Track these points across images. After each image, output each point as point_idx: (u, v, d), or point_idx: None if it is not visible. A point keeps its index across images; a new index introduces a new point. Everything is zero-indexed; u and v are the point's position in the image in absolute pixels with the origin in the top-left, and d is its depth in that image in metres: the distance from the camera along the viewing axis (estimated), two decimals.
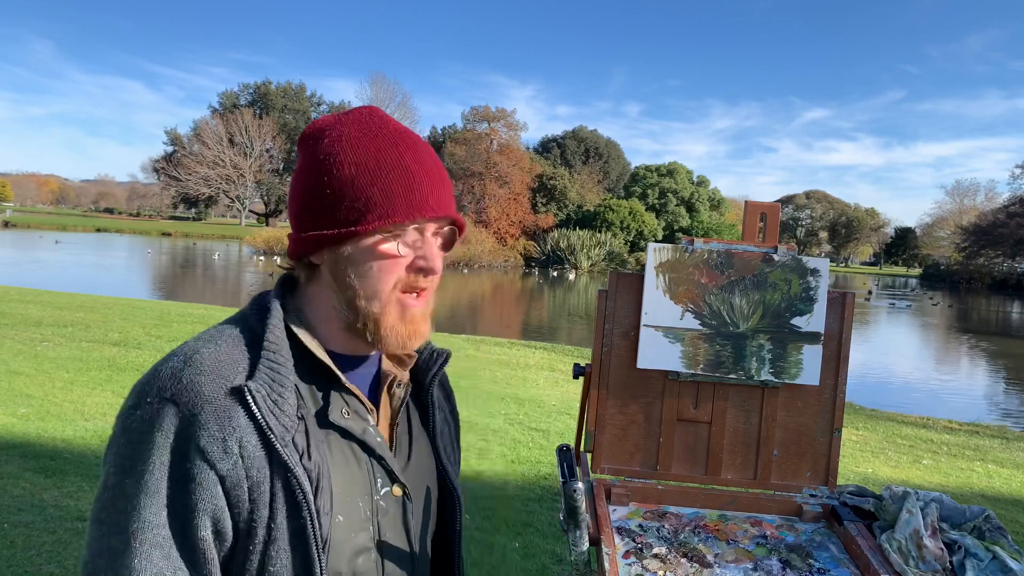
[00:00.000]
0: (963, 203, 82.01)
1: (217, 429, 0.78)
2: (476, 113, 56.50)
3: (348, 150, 0.88)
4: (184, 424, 0.78)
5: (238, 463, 0.79)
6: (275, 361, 0.85)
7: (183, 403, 0.79)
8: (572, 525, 1.42)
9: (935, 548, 1.53)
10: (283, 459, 0.81)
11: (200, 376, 0.80)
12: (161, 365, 0.83)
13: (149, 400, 0.80)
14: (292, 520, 0.81)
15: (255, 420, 0.80)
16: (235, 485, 0.79)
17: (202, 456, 0.77)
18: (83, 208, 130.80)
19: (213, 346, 0.84)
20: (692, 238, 1.93)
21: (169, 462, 0.78)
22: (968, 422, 9.14)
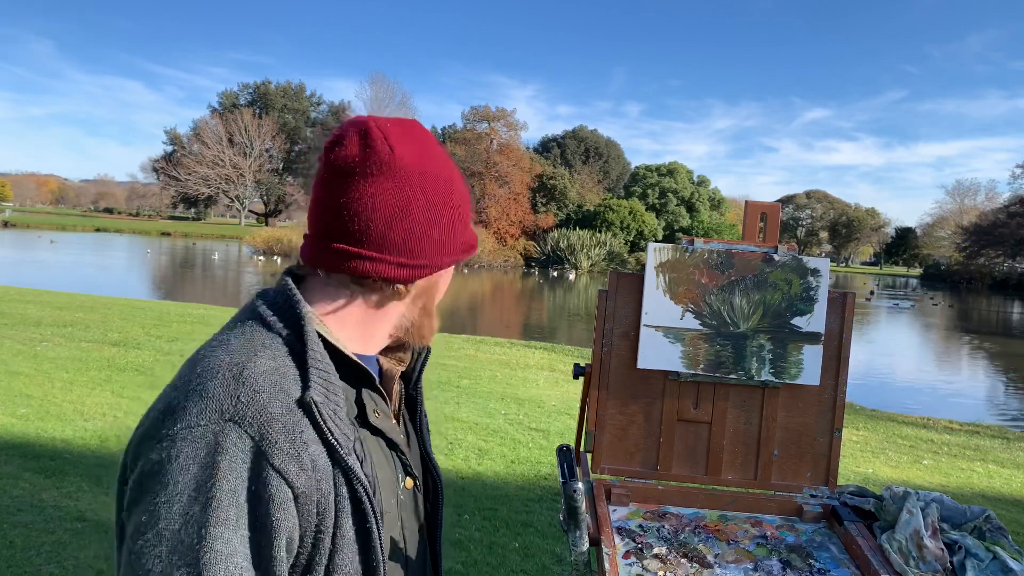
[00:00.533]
0: (963, 203, 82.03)
1: (290, 446, 0.76)
2: (476, 113, 56.54)
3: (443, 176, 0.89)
4: (253, 445, 0.74)
5: (311, 478, 0.77)
6: (324, 370, 0.83)
7: (248, 423, 0.75)
8: (572, 525, 1.42)
9: (935, 548, 1.52)
10: (349, 469, 0.81)
11: (260, 394, 0.77)
12: (201, 384, 0.77)
13: (204, 423, 0.74)
14: (358, 528, 0.82)
15: (321, 433, 0.79)
16: (307, 500, 0.77)
17: (279, 476, 0.75)
18: (83, 208, 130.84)
19: (257, 359, 0.80)
20: (692, 238, 1.93)
21: (240, 487, 0.73)
22: (968, 422, 9.14)
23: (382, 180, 0.84)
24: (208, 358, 0.80)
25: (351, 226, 0.85)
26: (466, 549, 3.67)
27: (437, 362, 9.78)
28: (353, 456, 0.82)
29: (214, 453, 0.73)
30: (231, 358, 0.79)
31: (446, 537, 3.76)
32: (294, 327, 0.84)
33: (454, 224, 0.90)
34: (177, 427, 0.74)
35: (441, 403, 7.06)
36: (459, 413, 6.67)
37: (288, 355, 0.82)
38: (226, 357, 0.79)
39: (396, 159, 0.84)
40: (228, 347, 0.81)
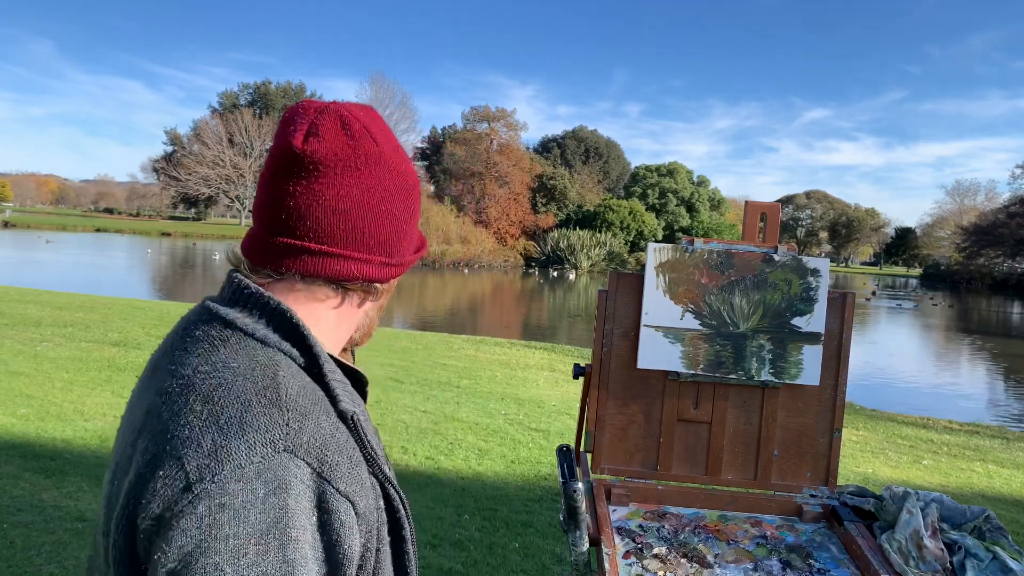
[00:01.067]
0: (963, 203, 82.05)
1: (348, 466, 0.71)
2: (476, 113, 56.58)
3: (409, 170, 0.84)
4: (313, 473, 0.68)
5: (368, 495, 0.74)
6: (343, 381, 0.79)
7: (303, 450, 0.68)
8: (572, 525, 1.42)
9: (935, 548, 1.52)
10: (387, 478, 0.78)
11: (308, 415, 0.70)
12: (238, 417, 0.68)
13: (256, 460, 0.65)
14: (392, 534, 0.79)
15: (363, 446, 0.76)
16: (364, 518, 0.73)
17: (346, 500, 0.69)
18: (83, 208, 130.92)
19: (283, 379, 0.72)
20: (692, 238, 1.93)
21: (308, 523, 0.66)
22: (968, 422, 9.14)
23: (366, 175, 0.78)
24: (222, 387, 0.70)
25: (334, 227, 0.78)
26: (466, 549, 3.67)
27: (437, 362, 9.79)
28: (388, 465, 0.80)
29: (277, 491, 0.65)
30: (254, 383, 0.70)
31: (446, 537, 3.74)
32: (294, 340, 0.77)
33: (416, 219, 0.88)
34: (224, 471, 0.64)
35: (441, 403, 7.07)
36: (459, 413, 6.68)
37: (300, 371, 0.75)
38: (245, 382, 0.70)
39: (380, 152, 0.79)
40: (235, 371, 0.71)
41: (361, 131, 0.78)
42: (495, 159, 54.32)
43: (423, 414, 6.49)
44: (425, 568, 3.44)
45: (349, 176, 0.77)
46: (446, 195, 53.60)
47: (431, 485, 4.61)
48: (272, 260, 0.79)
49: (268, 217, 0.79)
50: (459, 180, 54.69)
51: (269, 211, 0.79)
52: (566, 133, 65.19)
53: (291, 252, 0.78)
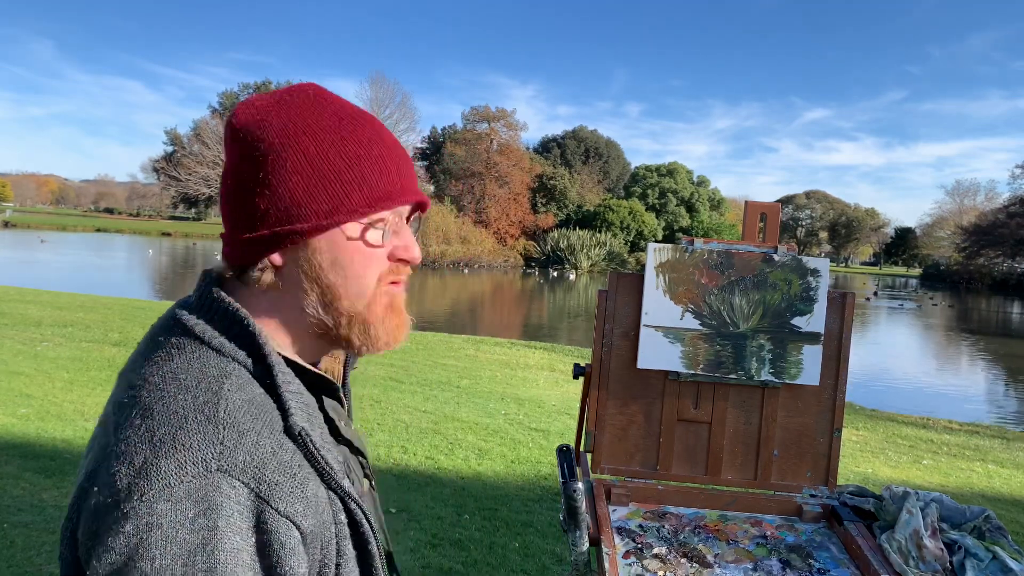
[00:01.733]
0: (963, 203, 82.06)
1: (291, 486, 0.68)
2: (476, 113, 56.59)
3: (308, 133, 0.76)
4: (249, 492, 0.65)
5: (316, 513, 0.70)
6: (297, 392, 0.75)
7: (239, 470, 0.65)
8: (572, 525, 1.42)
9: (935, 548, 1.52)
10: (346, 494, 0.75)
11: (247, 434, 0.67)
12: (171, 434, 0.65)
13: (187, 479, 0.63)
14: (358, 551, 0.76)
15: (314, 462, 0.72)
16: (315, 538, 0.70)
17: (287, 520, 0.66)
18: (83, 208, 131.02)
19: (225, 392, 0.70)
20: (692, 238, 1.93)
21: (243, 545, 0.64)
22: (968, 422, 9.14)
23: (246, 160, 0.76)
24: (163, 400, 0.68)
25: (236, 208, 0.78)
26: (466, 549, 3.67)
27: (437, 362, 9.79)
28: (346, 479, 0.75)
29: (207, 512, 0.63)
30: (194, 396, 0.68)
31: (446, 537, 3.75)
32: (249, 347, 0.74)
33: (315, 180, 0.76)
34: (152, 490, 0.62)
35: (441, 403, 7.07)
36: (459, 413, 6.68)
37: (252, 380, 0.73)
38: (186, 396, 0.68)
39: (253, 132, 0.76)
40: (181, 382, 0.69)
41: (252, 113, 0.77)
42: (495, 159, 54.32)
43: (423, 414, 6.49)
44: (425, 568, 3.44)
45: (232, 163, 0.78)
46: (446, 195, 53.60)
47: (431, 485, 4.61)
48: (233, 257, 0.79)
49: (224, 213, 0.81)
50: (459, 180, 54.69)
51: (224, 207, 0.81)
52: (566, 133, 65.19)
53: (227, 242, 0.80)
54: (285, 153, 0.75)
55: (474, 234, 49.94)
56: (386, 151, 0.80)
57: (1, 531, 3.49)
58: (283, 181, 0.75)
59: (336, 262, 0.77)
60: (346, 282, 0.78)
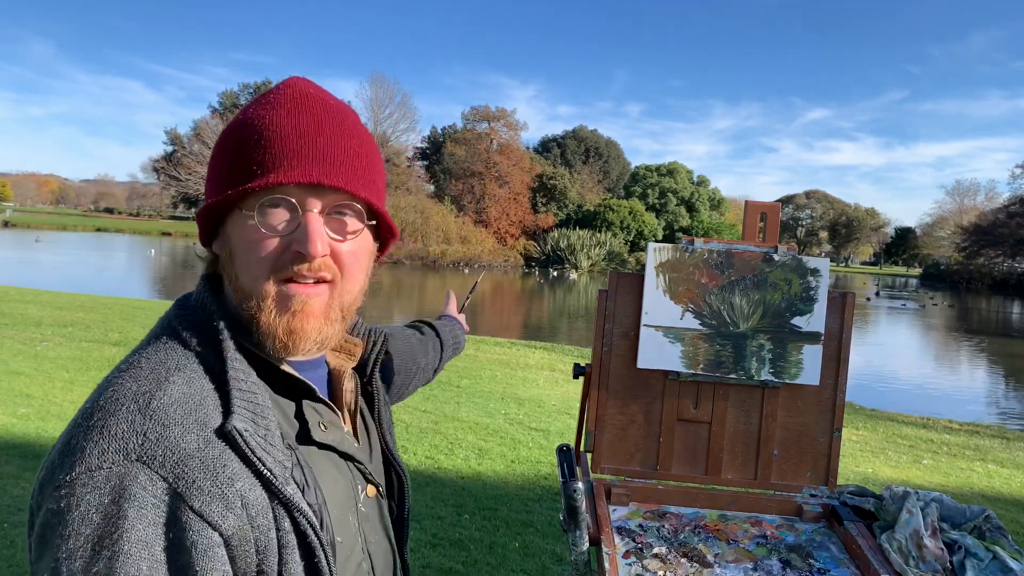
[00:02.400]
0: (963, 203, 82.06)
1: (212, 485, 0.66)
2: (476, 113, 56.58)
3: (236, 118, 0.79)
4: (167, 487, 0.65)
5: (243, 517, 0.68)
6: (248, 390, 0.73)
7: (158, 463, 0.65)
8: (572, 525, 1.42)
9: (935, 548, 1.52)
10: (288, 500, 0.72)
11: (171, 427, 0.67)
12: (105, 418, 0.67)
13: (107, 465, 0.64)
14: (305, 560, 0.73)
15: (250, 464, 0.70)
16: (242, 541, 0.68)
17: (201, 519, 0.65)
18: (83, 208, 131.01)
19: (168, 386, 0.69)
20: (692, 238, 1.93)
21: (154, 536, 0.64)
22: (968, 422, 9.14)
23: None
24: (113, 387, 0.70)
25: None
26: (466, 549, 3.67)
27: None
28: (292, 485, 0.73)
29: (119, 500, 0.63)
30: (138, 386, 0.69)
31: (446, 537, 3.74)
32: (211, 342, 0.74)
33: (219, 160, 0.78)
34: (76, 471, 0.64)
35: (441, 403, 7.07)
36: (459, 413, 6.68)
37: (206, 376, 0.72)
38: (132, 385, 0.69)
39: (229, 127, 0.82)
40: (136, 372, 0.71)
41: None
42: (495, 159, 54.32)
43: (423, 414, 6.49)
44: (425, 568, 3.44)
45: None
46: (446, 195, 53.60)
47: (431, 485, 4.61)
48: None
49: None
50: (459, 180, 54.69)
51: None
52: (566, 133, 65.21)
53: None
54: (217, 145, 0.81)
55: (474, 234, 49.96)
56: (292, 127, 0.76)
57: (1, 531, 3.49)
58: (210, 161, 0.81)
59: (233, 251, 0.77)
60: (239, 274, 0.77)
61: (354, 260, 0.80)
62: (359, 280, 0.83)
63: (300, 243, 0.75)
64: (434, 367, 1.45)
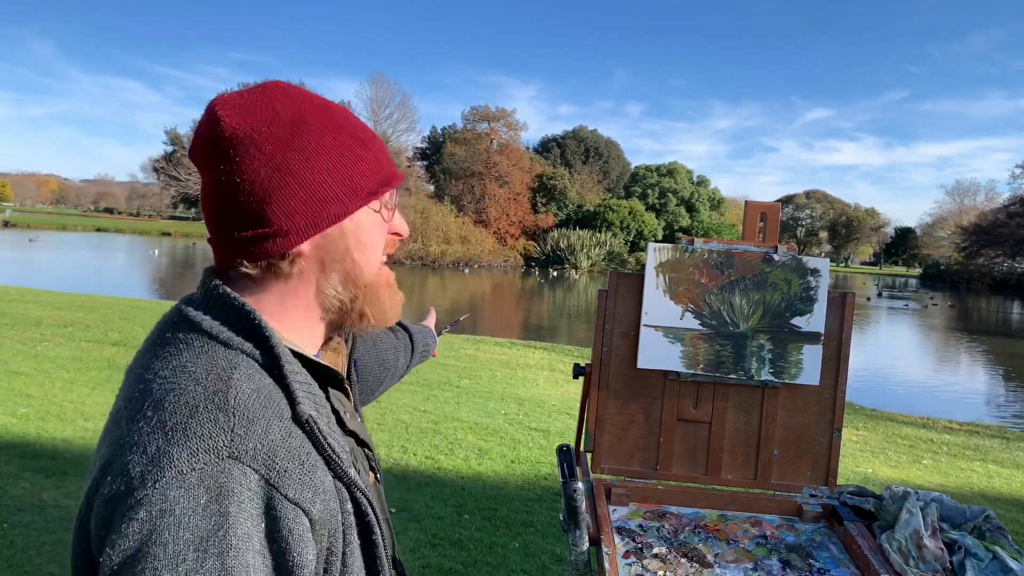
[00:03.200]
0: (963, 203, 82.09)
1: (300, 472, 0.70)
2: (476, 113, 56.61)
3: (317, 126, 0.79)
4: (260, 479, 0.67)
5: (325, 500, 0.72)
6: (304, 382, 0.77)
7: (249, 456, 0.67)
8: (572, 525, 1.42)
9: (935, 548, 1.52)
10: (352, 482, 0.76)
11: (256, 422, 0.69)
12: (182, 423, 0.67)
13: (199, 467, 0.65)
14: (363, 539, 0.78)
15: (322, 450, 0.74)
16: (323, 525, 0.71)
17: (296, 506, 0.68)
18: (83, 208, 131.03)
19: (235, 383, 0.71)
20: (692, 238, 1.93)
21: (254, 530, 0.66)
22: (968, 422, 9.14)
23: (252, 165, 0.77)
24: (174, 391, 0.69)
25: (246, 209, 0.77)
26: (466, 549, 3.67)
27: (437, 362, 9.78)
28: (352, 468, 0.77)
29: (219, 498, 0.64)
30: (205, 387, 0.69)
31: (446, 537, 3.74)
32: (256, 340, 0.76)
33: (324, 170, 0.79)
34: (165, 477, 0.64)
35: (441, 403, 7.07)
36: (459, 413, 6.68)
37: (262, 372, 0.74)
38: (197, 387, 0.69)
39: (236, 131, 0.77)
40: (191, 374, 0.71)
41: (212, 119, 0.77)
42: (495, 159, 54.33)
43: (423, 414, 6.49)
44: (425, 568, 3.44)
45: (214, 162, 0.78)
46: (446, 195, 53.60)
47: (431, 485, 4.61)
48: (226, 255, 0.80)
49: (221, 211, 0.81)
50: (459, 180, 54.70)
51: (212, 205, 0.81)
52: (566, 133, 65.22)
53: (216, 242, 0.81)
54: (300, 151, 0.77)
55: (474, 234, 49.96)
56: (373, 136, 0.86)
57: (1, 531, 3.49)
58: (305, 175, 0.78)
59: (359, 240, 0.83)
60: (367, 257, 0.84)
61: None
62: None
63: (401, 226, 0.89)
64: (403, 371, 1.49)
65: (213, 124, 0.77)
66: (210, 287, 0.79)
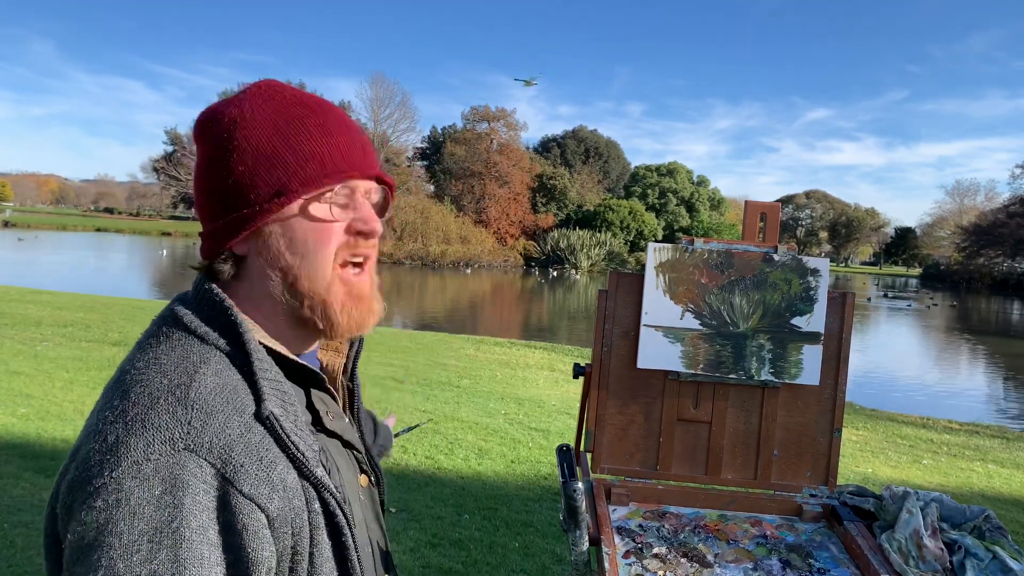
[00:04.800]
0: (963, 203, 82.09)
1: (258, 468, 0.69)
2: (476, 113, 56.61)
3: (253, 123, 0.80)
4: (215, 473, 0.67)
5: (284, 498, 0.71)
6: (274, 379, 0.77)
7: (206, 450, 0.67)
8: (572, 525, 1.42)
9: (935, 548, 1.52)
10: (319, 482, 0.75)
11: (214, 415, 0.69)
12: (142, 414, 0.68)
13: (154, 457, 0.65)
14: (333, 540, 0.77)
15: (285, 448, 0.73)
16: (283, 523, 0.71)
17: (251, 502, 0.68)
18: (83, 208, 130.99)
19: (200, 377, 0.72)
20: (692, 238, 1.93)
21: (209, 523, 0.66)
22: (968, 422, 9.14)
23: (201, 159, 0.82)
24: (140, 383, 0.71)
25: (199, 203, 0.83)
26: (466, 549, 3.67)
27: (437, 362, 9.79)
28: (321, 468, 0.76)
29: (173, 490, 0.65)
30: (170, 380, 0.71)
31: (446, 536, 3.74)
32: (230, 336, 0.77)
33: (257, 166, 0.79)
34: (122, 467, 0.65)
35: (441, 403, 7.07)
36: (459, 413, 6.68)
37: (231, 368, 0.75)
38: (163, 379, 0.71)
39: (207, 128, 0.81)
40: (161, 367, 0.72)
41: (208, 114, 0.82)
42: (495, 159, 54.33)
43: (423, 414, 6.49)
44: (425, 568, 3.44)
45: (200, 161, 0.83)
46: (446, 195, 53.59)
47: (431, 485, 4.61)
48: (204, 251, 0.83)
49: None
50: (459, 180, 54.71)
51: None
52: (566, 133, 65.23)
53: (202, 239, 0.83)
54: (230, 144, 0.79)
55: (474, 234, 49.96)
56: (332, 126, 0.82)
57: (1, 531, 3.49)
58: (229, 171, 0.79)
59: (292, 242, 0.79)
60: (303, 262, 0.80)
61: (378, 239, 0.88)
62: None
63: (364, 223, 0.82)
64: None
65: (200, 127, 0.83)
66: (198, 284, 0.82)
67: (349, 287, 0.82)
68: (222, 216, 0.80)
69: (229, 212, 0.79)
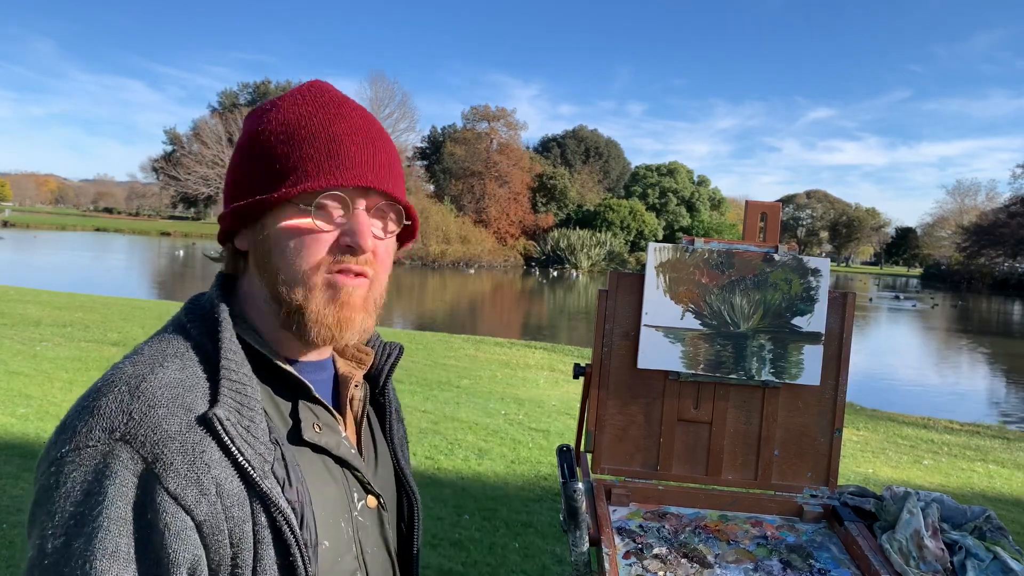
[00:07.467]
0: (964, 203, 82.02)
1: (188, 469, 0.68)
2: (476, 112, 56.59)
3: (274, 118, 0.81)
4: (145, 467, 0.67)
5: (216, 504, 0.69)
6: (238, 381, 0.75)
7: (139, 443, 0.67)
8: (572, 525, 1.42)
9: (936, 548, 1.52)
10: (264, 493, 0.72)
11: (156, 409, 0.69)
12: (96, 399, 0.70)
13: (92, 443, 0.67)
14: (280, 559, 0.73)
15: (229, 453, 0.71)
16: (215, 530, 0.69)
17: (175, 502, 0.67)
18: (82, 208, 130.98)
19: (160, 370, 0.72)
20: (692, 238, 1.92)
21: (130, 515, 0.66)
22: (968, 422, 9.13)
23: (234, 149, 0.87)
24: (114, 371, 0.73)
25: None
26: (466, 549, 3.67)
27: (437, 362, 9.78)
28: (271, 479, 0.73)
29: (102, 477, 0.66)
30: (134, 369, 0.72)
31: (446, 537, 3.72)
32: (210, 334, 0.77)
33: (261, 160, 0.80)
34: (65, 448, 0.67)
35: (441, 403, 7.06)
36: (459, 413, 6.67)
37: (200, 365, 0.75)
38: (129, 368, 0.72)
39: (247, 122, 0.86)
40: (136, 357, 0.74)
41: (254, 108, 0.86)
42: (495, 159, 54.33)
43: (423, 414, 6.49)
44: (425, 568, 3.44)
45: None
46: (446, 195, 53.58)
47: (431, 485, 4.61)
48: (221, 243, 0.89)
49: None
50: (459, 180, 54.70)
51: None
52: (566, 133, 65.22)
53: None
54: (253, 134, 0.82)
55: (474, 234, 49.93)
56: (343, 131, 0.80)
57: (1, 531, 3.49)
58: (233, 168, 0.84)
59: (278, 246, 0.79)
60: (284, 266, 0.79)
61: (387, 257, 0.85)
62: (386, 276, 0.87)
63: (352, 237, 0.79)
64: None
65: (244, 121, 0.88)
66: (213, 285, 0.84)
67: (335, 290, 0.80)
68: (227, 206, 0.83)
69: (228, 203, 0.83)
